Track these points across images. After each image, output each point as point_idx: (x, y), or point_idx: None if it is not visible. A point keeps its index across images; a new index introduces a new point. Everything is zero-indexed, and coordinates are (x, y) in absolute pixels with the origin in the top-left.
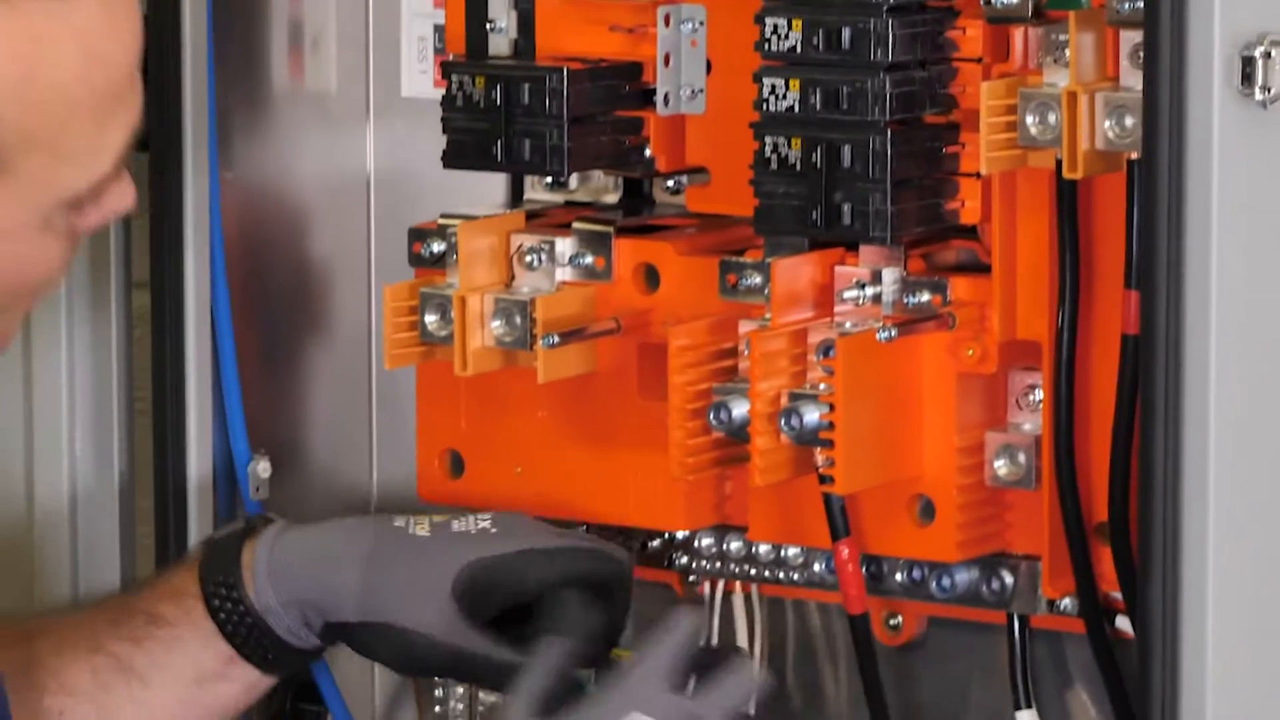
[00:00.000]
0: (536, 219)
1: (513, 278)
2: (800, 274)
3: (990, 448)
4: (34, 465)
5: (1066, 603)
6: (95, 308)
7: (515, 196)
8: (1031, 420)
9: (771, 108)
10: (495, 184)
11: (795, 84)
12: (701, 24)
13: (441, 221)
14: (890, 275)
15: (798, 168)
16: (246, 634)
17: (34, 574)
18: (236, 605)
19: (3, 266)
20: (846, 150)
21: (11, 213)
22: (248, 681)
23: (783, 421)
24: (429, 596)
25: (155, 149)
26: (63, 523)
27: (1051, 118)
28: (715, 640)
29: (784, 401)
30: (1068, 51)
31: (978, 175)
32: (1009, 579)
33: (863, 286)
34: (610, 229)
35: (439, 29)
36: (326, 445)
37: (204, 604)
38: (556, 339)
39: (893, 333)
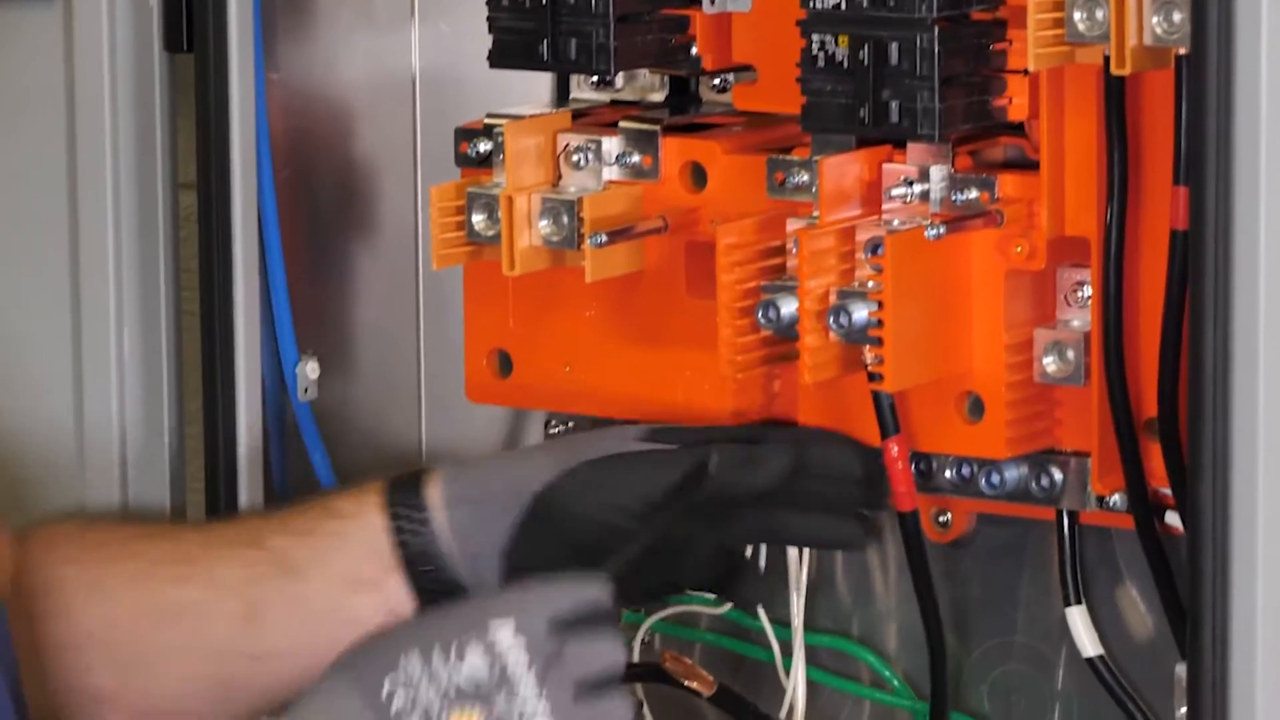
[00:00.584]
0: (583, 118)
1: (559, 177)
2: (848, 172)
3: (1039, 344)
4: (82, 369)
5: (1116, 499)
6: (142, 209)
7: (562, 95)
8: (1080, 316)
9: (819, 5)
10: (542, 83)
11: None
12: None
13: (488, 121)
14: (938, 172)
15: (845, 65)
16: (416, 535)
17: (83, 483)
18: (417, 508)
19: None
20: (894, 47)
21: None
22: (393, 602)
23: (831, 319)
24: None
25: (201, 50)
26: (111, 425)
27: (1099, 13)
28: None
29: (832, 299)
30: None
31: (1025, 72)
32: (1058, 475)
33: (910, 184)
34: (657, 128)
35: None
36: (374, 346)
37: (383, 497)
38: (604, 238)
39: (941, 230)
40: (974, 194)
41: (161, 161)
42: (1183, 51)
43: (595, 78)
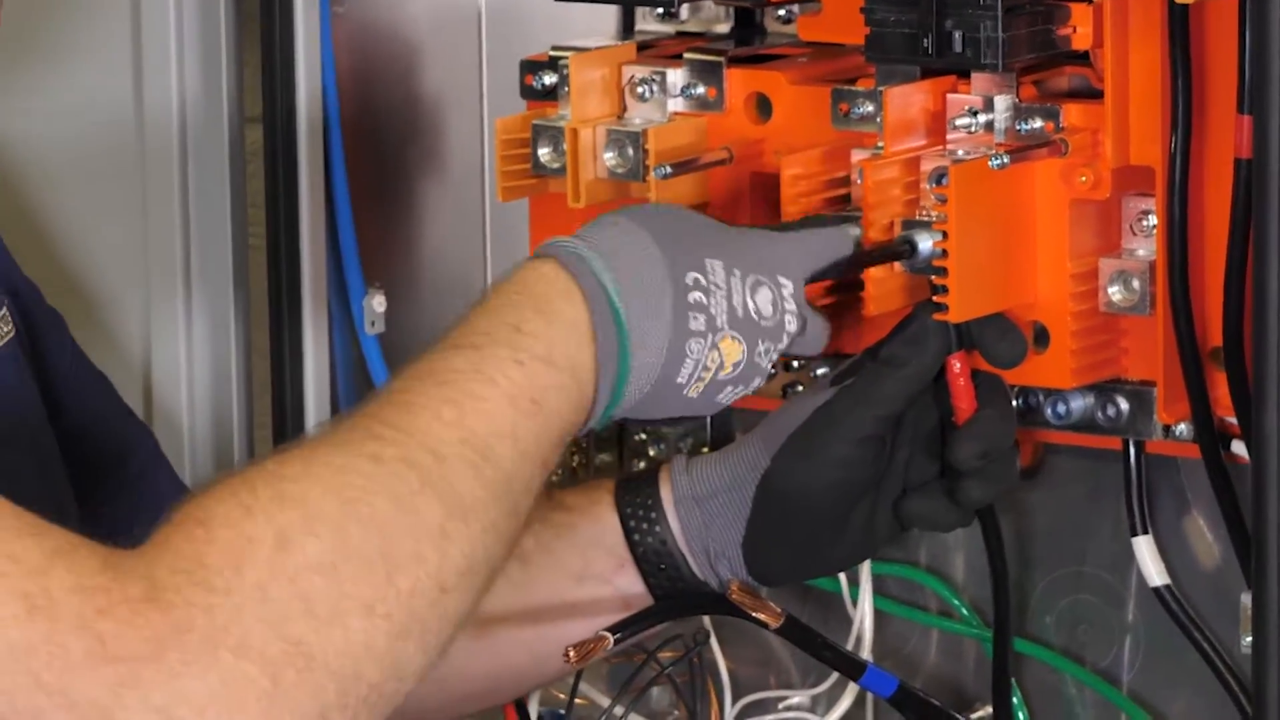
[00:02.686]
0: (648, 50)
1: (624, 109)
2: (912, 102)
3: (1104, 274)
4: (151, 302)
5: (1182, 428)
6: (208, 143)
7: (627, 28)
8: (1145, 246)
9: None
10: (607, 15)
11: None
12: None
13: (553, 53)
14: (1002, 102)
15: None
16: (649, 535)
17: (150, 419)
18: (649, 508)
19: None
20: None
21: None
22: (626, 596)
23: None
24: None
25: None
26: (179, 363)
27: None
28: None
29: (897, 229)
30: None
31: (1089, 0)
32: (1124, 405)
33: (975, 114)
34: (721, 59)
35: None
36: (441, 279)
37: (613, 497)
38: (669, 169)
39: (1005, 160)
40: (1038, 123)
41: (227, 96)
42: None
43: (660, 9)
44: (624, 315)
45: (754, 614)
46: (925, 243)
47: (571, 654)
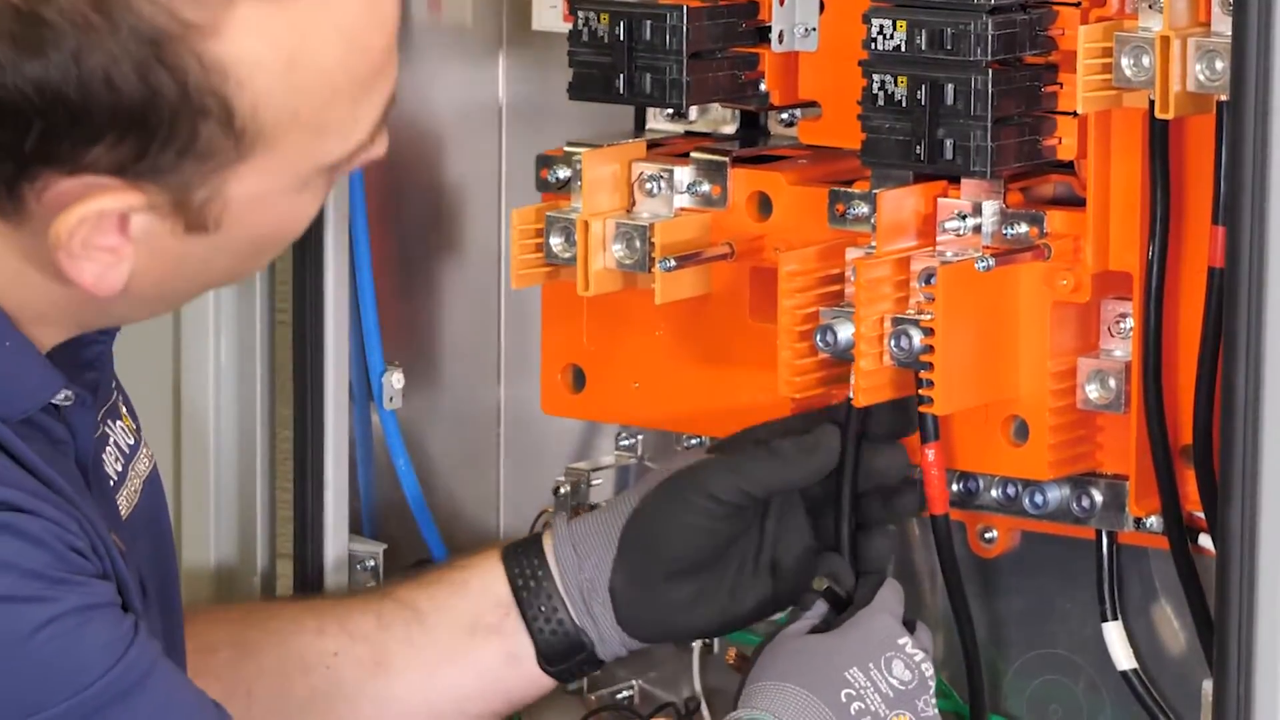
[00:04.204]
0: (657, 148)
1: (633, 203)
2: (905, 205)
3: (1082, 372)
4: (181, 374)
5: (1152, 521)
6: None
7: (638, 126)
8: (1122, 347)
9: (879, 47)
10: (620, 113)
11: (902, 25)
12: None
13: (568, 149)
14: (990, 207)
15: (903, 104)
16: (530, 579)
17: (178, 482)
18: (530, 555)
19: (262, 227)
20: (950, 88)
21: (273, 182)
22: (511, 644)
23: (893, 344)
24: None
25: None
26: (206, 428)
27: (1146, 60)
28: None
29: (887, 326)
30: None
31: (1074, 114)
32: (1098, 497)
33: (964, 218)
34: (726, 159)
35: None
36: (457, 358)
37: (500, 553)
38: (673, 262)
39: (991, 262)
40: (1024, 229)
41: None
42: (1223, 98)
43: (669, 110)
44: None
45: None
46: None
47: None
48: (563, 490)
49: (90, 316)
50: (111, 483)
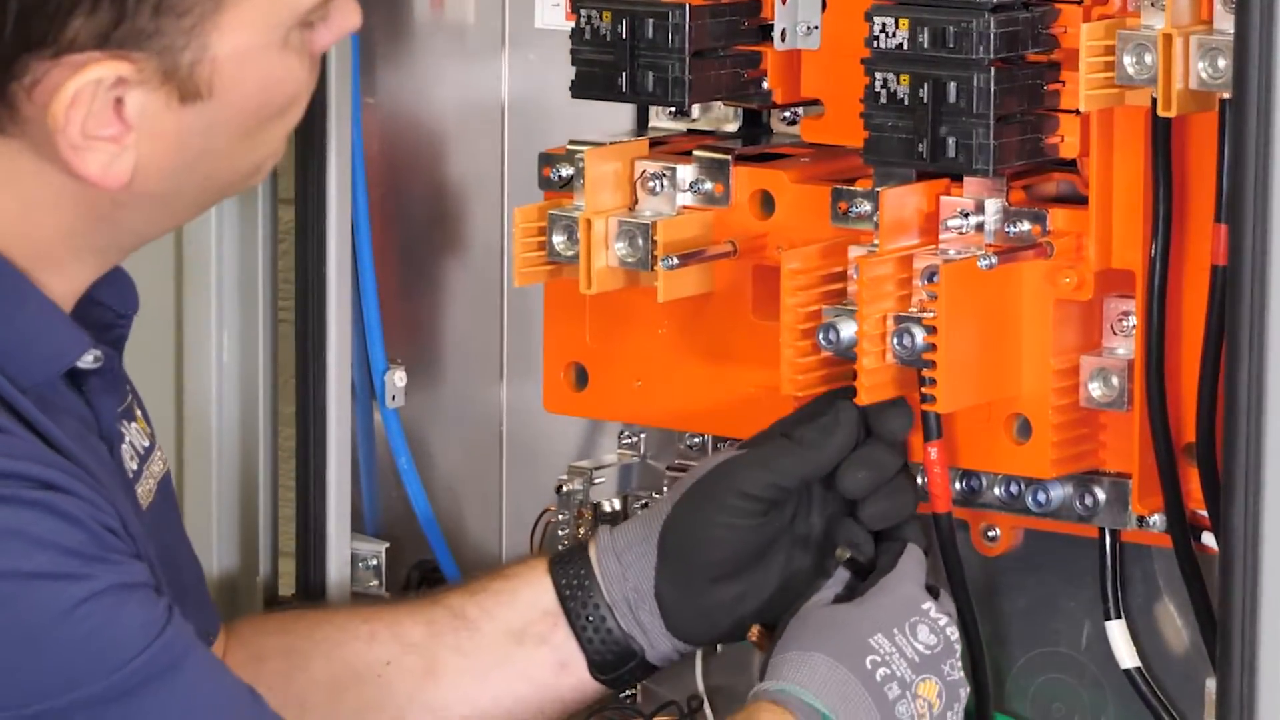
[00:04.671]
0: (660, 146)
1: (636, 201)
2: (907, 203)
3: (1085, 370)
4: (184, 371)
5: (1155, 519)
6: (243, 222)
7: (641, 124)
8: (1124, 345)
9: (882, 45)
10: (622, 111)
11: (904, 23)
12: None
13: (570, 147)
14: (992, 205)
15: (906, 102)
16: (578, 590)
17: (181, 482)
18: (578, 566)
19: (253, 88)
20: (952, 86)
21: (254, 36)
22: (563, 654)
23: (895, 341)
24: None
25: None
26: (209, 426)
27: (1148, 58)
28: None
29: (890, 324)
30: None
31: (1077, 112)
32: (1101, 495)
33: (966, 216)
34: (729, 157)
35: None
36: (459, 356)
37: (547, 563)
38: (676, 260)
39: (993, 260)
40: (1026, 226)
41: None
42: (1226, 96)
43: (672, 108)
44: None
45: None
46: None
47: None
48: (565, 489)
49: (104, 236)
50: (130, 474)
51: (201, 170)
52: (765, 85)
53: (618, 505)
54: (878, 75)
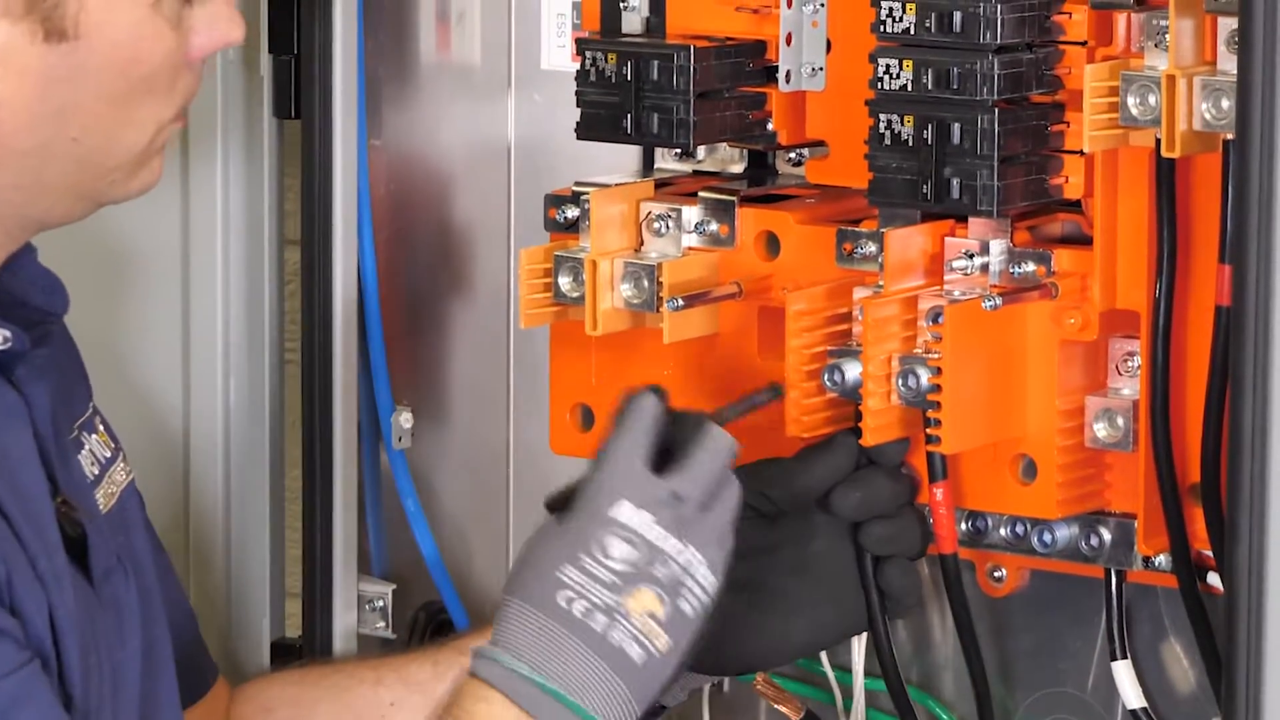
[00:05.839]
0: (665, 187)
1: (642, 243)
2: (912, 244)
3: (1090, 411)
4: (190, 411)
5: (1161, 559)
6: (250, 263)
7: (647, 165)
8: (1130, 385)
9: (886, 86)
10: (628, 152)
11: (909, 64)
12: (822, 5)
13: (576, 188)
14: (997, 246)
15: (910, 143)
16: None
17: (188, 521)
18: None
19: (121, 38)
20: (956, 128)
21: None
22: None
23: (900, 383)
24: None
25: (308, 117)
26: (216, 466)
27: (1152, 99)
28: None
29: (895, 365)
30: (1168, 36)
31: (1081, 152)
32: (1106, 536)
33: (971, 257)
34: (734, 198)
35: (576, 6)
36: (466, 398)
37: None
38: (681, 302)
39: (998, 301)
40: (1031, 267)
41: (269, 220)
42: (1229, 137)
43: (678, 150)
44: (548, 682)
45: (776, 705)
46: (921, 377)
47: None
48: None
49: None
50: (89, 480)
51: (69, 130)
52: (770, 126)
53: None
54: (882, 116)
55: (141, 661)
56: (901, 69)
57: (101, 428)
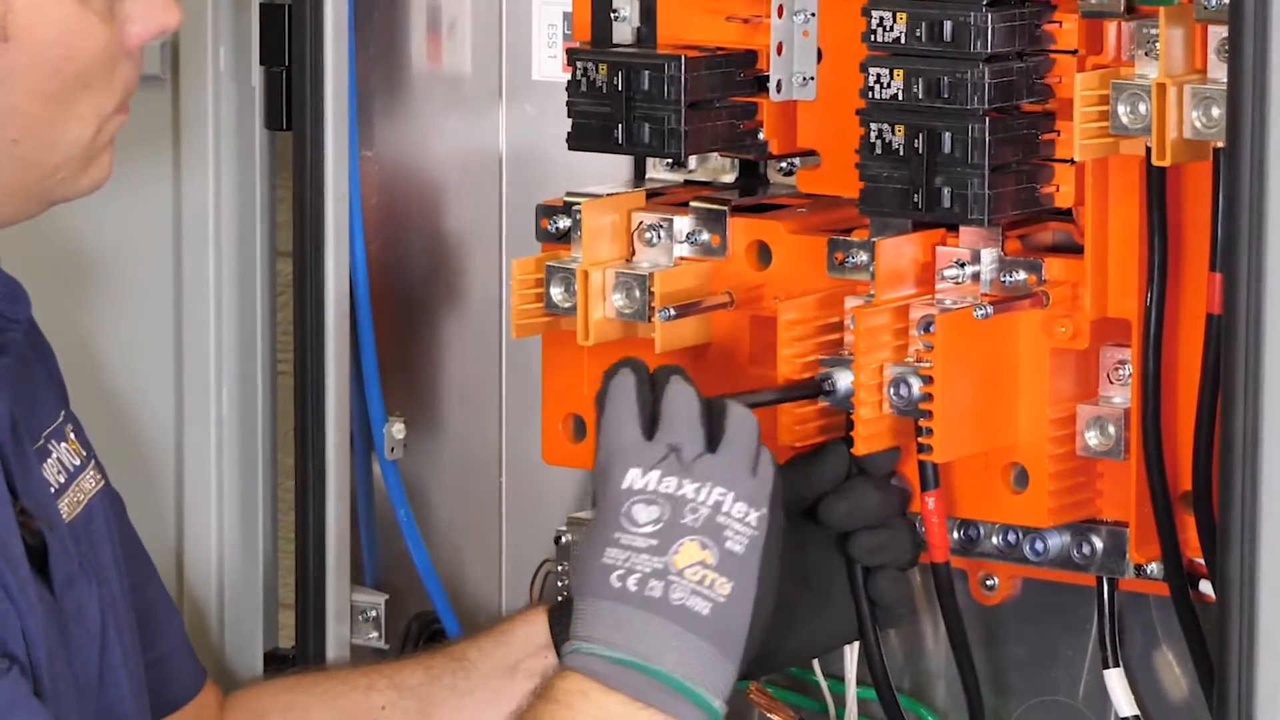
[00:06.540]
0: (657, 197)
1: (633, 253)
2: (903, 253)
3: (1081, 419)
4: (183, 423)
5: (1152, 567)
6: (242, 274)
7: (638, 175)
8: (1121, 394)
9: (877, 95)
10: (620, 163)
11: (899, 73)
12: (813, 15)
13: (567, 199)
14: (988, 255)
15: (901, 152)
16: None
17: (181, 532)
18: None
19: (51, 36)
20: (947, 137)
21: None
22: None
23: (891, 392)
24: None
25: (299, 129)
26: (209, 477)
27: (1142, 107)
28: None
29: (886, 374)
30: (1158, 45)
31: (1072, 161)
32: (1098, 544)
33: (962, 265)
34: (726, 208)
35: (567, 16)
36: (458, 408)
37: (546, 610)
38: (673, 312)
39: (989, 310)
40: (1022, 276)
41: (261, 231)
42: (1219, 145)
43: (669, 159)
44: (624, 656)
45: (770, 715)
46: (912, 386)
47: None
48: (564, 539)
49: None
50: (52, 489)
51: (8, 132)
52: (761, 136)
53: None
54: (873, 126)
55: (104, 669)
56: (892, 78)
57: (73, 436)
